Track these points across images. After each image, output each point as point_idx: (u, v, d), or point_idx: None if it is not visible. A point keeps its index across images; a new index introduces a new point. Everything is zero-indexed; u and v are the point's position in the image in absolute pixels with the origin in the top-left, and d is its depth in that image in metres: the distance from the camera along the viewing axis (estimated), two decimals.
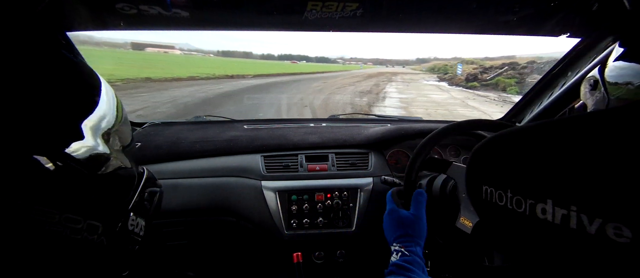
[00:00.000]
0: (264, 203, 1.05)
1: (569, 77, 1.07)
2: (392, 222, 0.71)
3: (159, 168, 1.10)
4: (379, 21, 1.02)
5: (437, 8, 0.95)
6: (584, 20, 0.96)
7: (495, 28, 1.08)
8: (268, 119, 1.56)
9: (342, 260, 1.10)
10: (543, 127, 0.30)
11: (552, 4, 0.88)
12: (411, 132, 1.21)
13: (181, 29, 1.02)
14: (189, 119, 1.58)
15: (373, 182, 1.10)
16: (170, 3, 0.86)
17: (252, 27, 1.06)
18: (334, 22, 0.98)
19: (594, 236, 0.24)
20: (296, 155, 1.17)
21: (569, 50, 1.07)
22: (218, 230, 1.09)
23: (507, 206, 0.31)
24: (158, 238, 1.09)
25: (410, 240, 0.67)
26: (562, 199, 0.26)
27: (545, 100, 1.16)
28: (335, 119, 1.62)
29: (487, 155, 0.35)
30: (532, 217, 0.28)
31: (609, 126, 0.25)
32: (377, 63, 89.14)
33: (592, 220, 0.24)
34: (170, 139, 1.24)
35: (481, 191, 0.34)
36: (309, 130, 1.34)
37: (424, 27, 1.10)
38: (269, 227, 1.04)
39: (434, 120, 1.52)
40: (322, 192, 1.07)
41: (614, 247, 0.23)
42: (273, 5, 0.91)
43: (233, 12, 0.96)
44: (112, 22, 0.96)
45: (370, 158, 1.18)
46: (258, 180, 1.08)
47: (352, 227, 1.06)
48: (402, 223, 0.69)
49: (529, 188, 0.29)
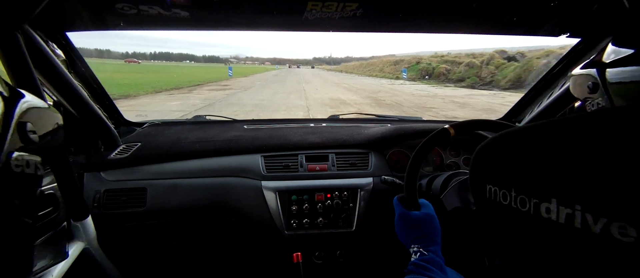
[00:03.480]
0: (264, 203, 1.05)
1: (568, 77, 1.07)
2: (405, 225, 0.70)
3: (159, 168, 1.10)
4: (379, 21, 1.02)
5: (437, 8, 0.95)
6: (584, 20, 0.96)
7: (495, 28, 1.08)
8: (268, 119, 1.56)
9: (342, 260, 1.10)
10: (547, 126, 0.30)
11: (552, 4, 0.88)
12: (411, 132, 1.21)
13: (181, 29, 1.02)
14: (189, 118, 1.58)
15: (373, 182, 1.10)
16: (170, 3, 0.86)
17: (252, 27, 1.06)
18: (333, 22, 0.98)
19: (599, 235, 0.24)
20: (296, 155, 1.17)
21: (569, 50, 1.08)
22: (218, 230, 1.09)
23: (511, 205, 0.31)
24: (158, 238, 1.09)
25: (427, 240, 0.67)
26: (566, 198, 0.26)
27: (545, 100, 1.17)
28: (335, 119, 1.62)
29: (491, 154, 0.35)
30: (537, 216, 0.28)
31: (614, 125, 0.25)
32: (275, 62, 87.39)
33: (596, 219, 0.24)
34: (170, 138, 1.24)
35: (485, 190, 0.34)
36: (309, 130, 1.34)
37: (423, 27, 1.11)
38: (269, 227, 1.04)
39: (434, 120, 1.52)
40: (322, 192, 1.07)
41: (618, 247, 0.23)
42: (273, 5, 0.91)
43: (233, 12, 0.96)
44: (112, 22, 0.96)
45: (370, 158, 1.18)
46: (258, 180, 1.08)
47: (352, 227, 1.06)
48: (416, 224, 0.69)
49: (533, 187, 0.29)
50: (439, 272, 0.61)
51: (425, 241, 0.66)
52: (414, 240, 0.67)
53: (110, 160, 1.08)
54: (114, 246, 1.00)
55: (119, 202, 1.03)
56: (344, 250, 1.10)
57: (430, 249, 0.65)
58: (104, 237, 0.93)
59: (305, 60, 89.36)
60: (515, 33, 1.10)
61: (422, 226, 0.69)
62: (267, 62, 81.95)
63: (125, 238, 1.05)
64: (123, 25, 0.96)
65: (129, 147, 1.16)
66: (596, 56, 0.55)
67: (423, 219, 0.70)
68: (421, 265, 0.62)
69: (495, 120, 0.78)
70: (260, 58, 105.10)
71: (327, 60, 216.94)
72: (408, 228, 0.70)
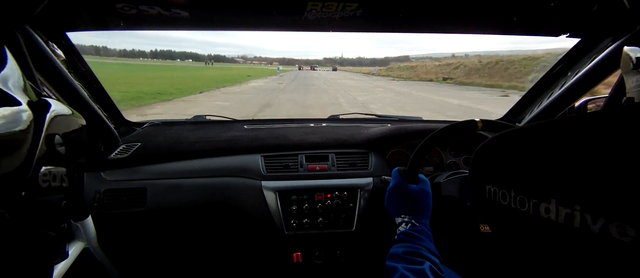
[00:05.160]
0: (264, 203, 1.05)
1: (568, 77, 1.07)
2: (400, 195, 0.73)
3: (159, 168, 1.10)
4: (378, 21, 1.02)
5: (437, 8, 0.95)
6: (584, 20, 0.96)
7: (495, 28, 1.09)
8: (268, 119, 1.56)
9: (342, 260, 1.10)
10: (547, 127, 0.30)
11: (552, 4, 0.88)
12: (411, 131, 1.21)
13: (181, 29, 1.02)
14: (189, 118, 1.58)
15: (373, 182, 1.10)
16: (171, 3, 0.86)
17: (252, 27, 1.06)
18: (333, 22, 0.98)
19: (598, 235, 0.24)
20: (296, 155, 1.17)
21: (569, 50, 1.08)
22: (218, 230, 1.09)
23: (511, 205, 0.31)
24: (158, 238, 1.09)
25: (419, 213, 0.70)
26: (565, 198, 0.26)
27: (545, 100, 1.17)
28: (335, 118, 1.62)
29: (491, 154, 0.35)
30: (536, 216, 0.28)
31: (613, 125, 0.25)
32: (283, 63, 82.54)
33: (596, 219, 0.24)
34: (170, 138, 1.24)
35: (485, 190, 0.34)
36: (309, 130, 1.34)
37: (423, 28, 1.11)
38: (269, 227, 1.04)
39: (434, 120, 1.52)
40: (322, 192, 1.07)
41: (617, 247, 0.23)
42: (273, 5, 0.91)
43: (233, 12, 0.96)
44: (112, 22, 0.96)
45: (370, 158, 1.18)
46: (258, 180, 1.08)
47: (352, 227, 1.06)
48: (411, 197, 0.72)
49: (533, 187, 0.29)
50: (428, 241, 0.65)
51: (417, 214, 0.70)
52: (405, 211, 0.70)
53: (110, 160, 1.08)
54: (114, 246, 1.00)
55: (119, 202, 1.03)
56: (344, 250, 1.10)
57: (421, 221, 0.68)
58: (104, 237, 0.93)
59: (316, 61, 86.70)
60: (515, 33, 1.10)
61: (417, 200, 0.71)
62: (275, 62, 79.31)
63: (125, 238, 1.06)
64: (123, 25, 0.96)
65: (129, 147, 1.16)
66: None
67: (419, 193, 0.73)
68: (412, 234, 0.65)
69: (496, 121, 0.78)
70: (268, 58, 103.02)
71: (339, 61, 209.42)
72: (403, 199, 0.72)
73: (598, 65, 0.95)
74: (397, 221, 0.71)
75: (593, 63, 0.96)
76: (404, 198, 0.72)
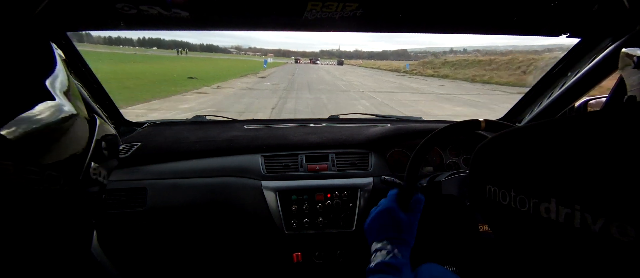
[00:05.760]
0: (264, 203, 1.05)
1: (568, 77, 1.07)
2: (389, 220, 0.68)
3: (159, 168, 1.10)
4: (378, 21, 1.02)
5: (437, 8, 0.95)
6: (584, 20, 0.96)
7: (495, 28, 1.08)
8: (268, 119, 1.56)
9: (342, 260, 1.10)
10: (547, 126, 0.30)
11: (552, 4, 0.88)
12: (411, 131, 1.21)
13: (181, 29, 1.02)
14: (189, 118, 1.58)
15: (373, 182, 1.10)
16: (171, 3, 0.86)
17: (252, 27, 1.06)
18: (333, 22, 0.98)
19: (598, 235, 0.24)
20: (296, 155, 1.17)
21: (569, 50, 1.08)
22: (218, 230, 1.09)
23: (511, 205, 0.31)
24: (158, 238, 1.09)
25: (403, 243, 0.65)
26: (566, 198, 0.26)
27: (545, 100, 1.17)
28: (335, 119, 1.62)
29: (491, 154, 0.35)
30: (536, 216, 0.28)
31: (613, 125, 0.25)
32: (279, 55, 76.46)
33: (596, 219, 0.24)
34: (170, 138, 1.24)
35: (484, 190, 0.34)
36: (309, 130, 1.34)
37: (423, 27, 1.10)
38: (269, 227, 1.04)
39: (434, 120, 1.52)
40: (322, 192, 1.07)
41: (618, 246, 0.23)
42: (273, 5, 0.91)
43: (233, 12, 0.96)
44: (112, 22, 0.96)
45: (370, 158, 1.18)
46: (258, 180, 1.08)
47: (352, 227, 1.05)
48: (399, 225, 0.67)
49: (533, 187, 0.29)
50: (409, 274, 0.61)
51: (401, 244, 0.64)
52: (389, 238, 0.65)
53: None
54: (114, 246, 1.00)
55: (119, 202, 1.03)
56: (344, 250, 1.10)
57: (404, 253, 0.63)
58: (104, 237, 0.93)
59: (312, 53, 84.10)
60: (515, 33, 1.10)
61: (404, 230, 0.67)
62: (270, 54, 75.61)
63: (126, 238, 1.05)
64: (123, 25, 0.96)
65: (129, 147, 1.16)
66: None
67: (407, 224, 0.68)
68: (394, 265, 0.60)
69: (496, 121, 0.78)
70: (263, 49, 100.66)
71: (336, 54, 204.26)
72: (391, 225, 0.67)
73: (598, 65, 0.95)
74: (375, 246, 0.65)
75: (593, 63, 0.96)
76: (391, 225, 0.67)
